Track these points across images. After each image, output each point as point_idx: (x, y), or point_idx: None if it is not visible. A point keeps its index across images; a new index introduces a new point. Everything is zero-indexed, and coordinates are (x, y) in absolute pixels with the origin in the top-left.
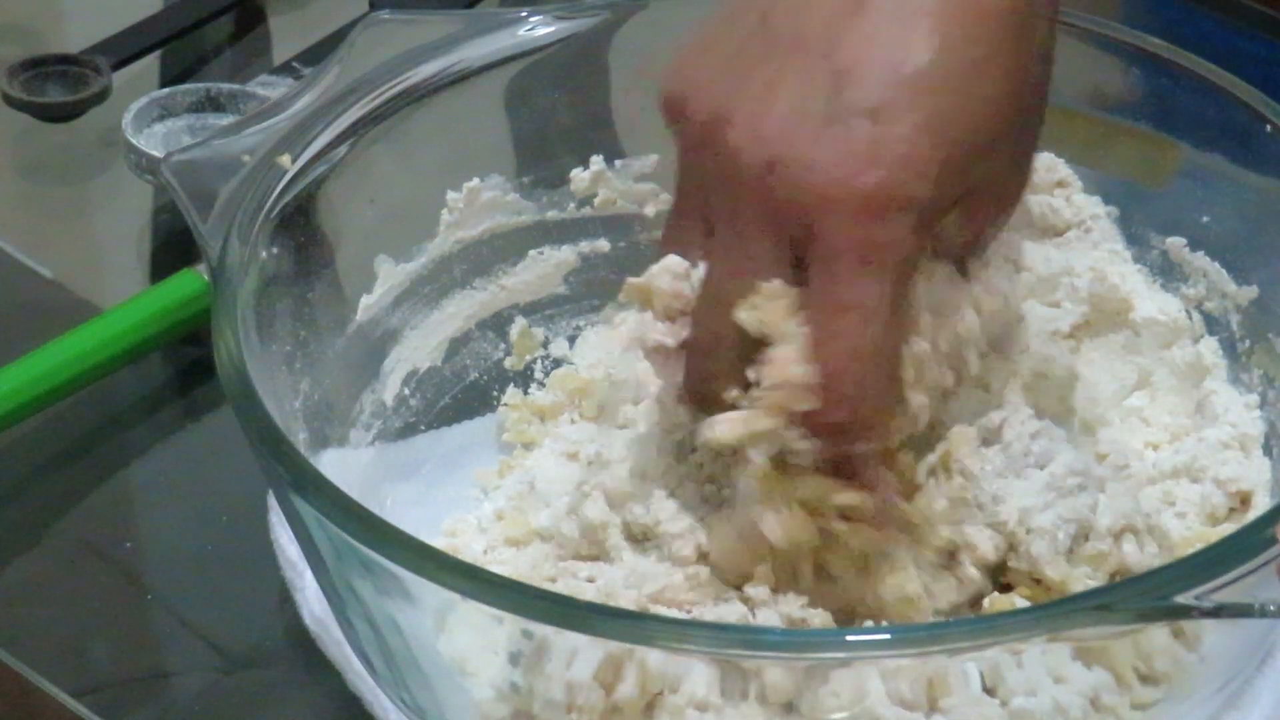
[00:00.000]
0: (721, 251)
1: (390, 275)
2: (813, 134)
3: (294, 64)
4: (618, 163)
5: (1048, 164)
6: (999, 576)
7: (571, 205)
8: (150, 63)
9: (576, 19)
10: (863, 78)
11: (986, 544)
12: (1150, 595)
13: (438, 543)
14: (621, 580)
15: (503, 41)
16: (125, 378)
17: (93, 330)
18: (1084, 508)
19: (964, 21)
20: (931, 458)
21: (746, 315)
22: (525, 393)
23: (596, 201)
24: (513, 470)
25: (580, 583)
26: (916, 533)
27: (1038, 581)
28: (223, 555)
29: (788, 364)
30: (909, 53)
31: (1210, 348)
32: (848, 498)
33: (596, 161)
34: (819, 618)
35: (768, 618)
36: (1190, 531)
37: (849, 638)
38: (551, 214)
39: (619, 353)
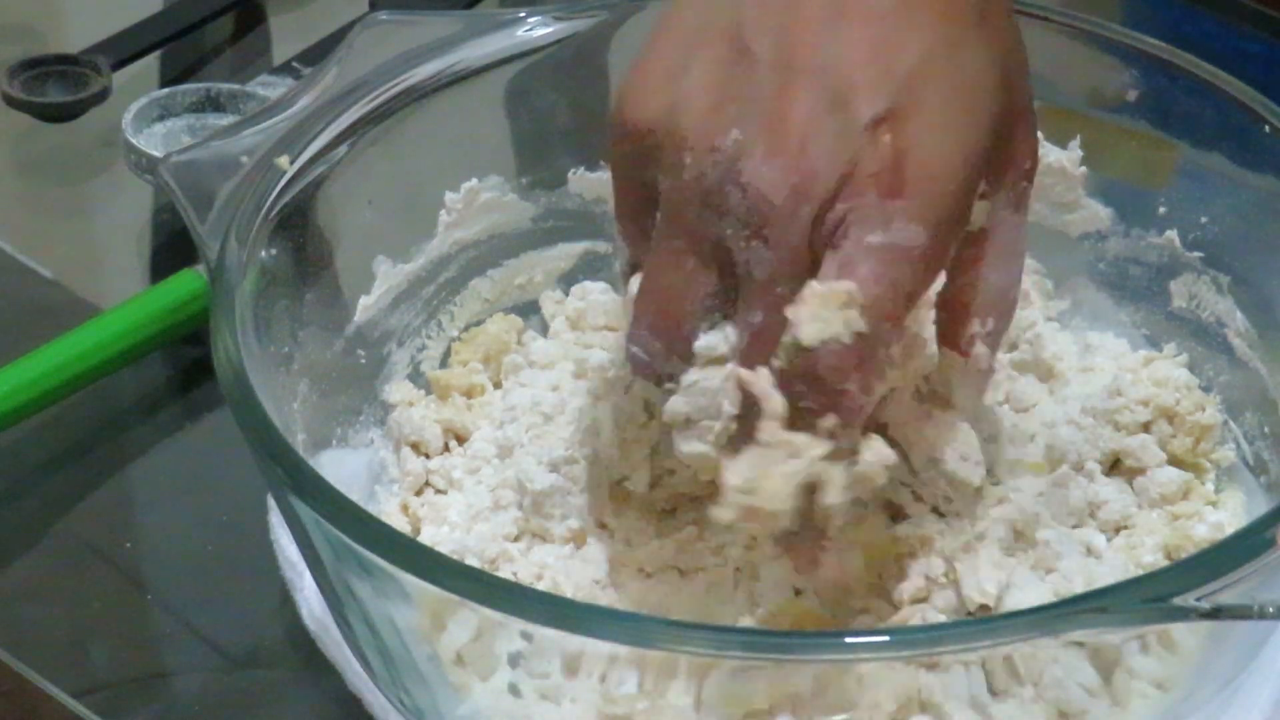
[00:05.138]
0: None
1: (389, 276)
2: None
3: (294, 64)
4: None
5: None
6: None
7: (570, 206)
8: (150, 63)
9: (576, 19)
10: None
11: None
12: (1149, 597)
13: None
14: None
15: (502, 42)
16: (125, 378)
17: (93, 330)
18: None
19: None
20: None
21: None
22: None
23: (595, 202)
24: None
25: None
26: None
27: None
28: (223, 555)
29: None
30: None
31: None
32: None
33: (595, 163)
34: None
35: None
36: None
37: (848, 639)
38: (550, 215)
39: None
